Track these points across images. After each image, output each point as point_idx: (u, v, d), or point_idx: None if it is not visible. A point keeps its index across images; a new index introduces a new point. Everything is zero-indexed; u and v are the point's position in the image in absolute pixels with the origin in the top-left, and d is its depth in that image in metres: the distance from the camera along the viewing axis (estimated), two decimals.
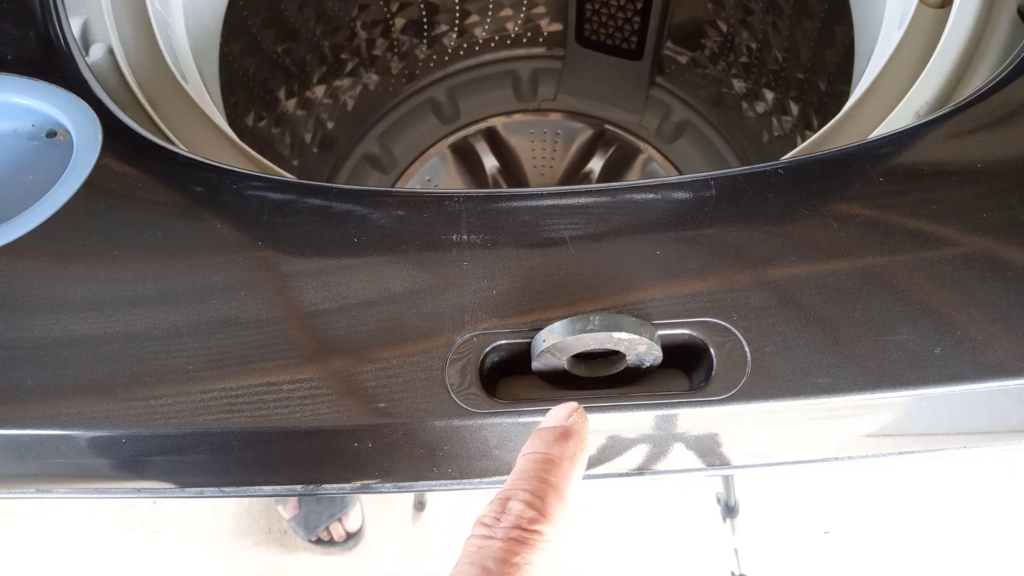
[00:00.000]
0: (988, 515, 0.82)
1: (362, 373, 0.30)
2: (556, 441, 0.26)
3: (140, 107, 0.46)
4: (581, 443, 0.26)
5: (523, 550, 0.23)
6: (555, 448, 0.26)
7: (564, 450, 0.26)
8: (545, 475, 0.25)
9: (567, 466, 0.25)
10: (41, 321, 0.32)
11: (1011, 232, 0.32)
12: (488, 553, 0.23)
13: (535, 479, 0.25)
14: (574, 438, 0.26)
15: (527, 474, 0.25)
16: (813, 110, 0.79)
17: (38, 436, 0.30)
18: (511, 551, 0.23)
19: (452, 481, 0.32)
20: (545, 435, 0.26)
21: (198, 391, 0.30)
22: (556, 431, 0.26)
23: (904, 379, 0.29)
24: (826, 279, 0.32)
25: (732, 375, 0.30)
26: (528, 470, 0.25)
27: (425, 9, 0.93)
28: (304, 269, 0.33)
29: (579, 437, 0.26)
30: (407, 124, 1.00)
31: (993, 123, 0.37)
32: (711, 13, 0.89)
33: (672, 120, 0.98)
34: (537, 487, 0.24)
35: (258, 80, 0.76)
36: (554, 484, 0.25)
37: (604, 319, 0.29)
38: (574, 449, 0.26)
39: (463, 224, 0.34)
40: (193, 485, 0.32)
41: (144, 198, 0.36)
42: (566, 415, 0.27)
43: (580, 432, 0.27)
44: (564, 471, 0.25)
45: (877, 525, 0.82)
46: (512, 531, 0.23)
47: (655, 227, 0.34)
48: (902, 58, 0.47)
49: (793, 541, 0.82)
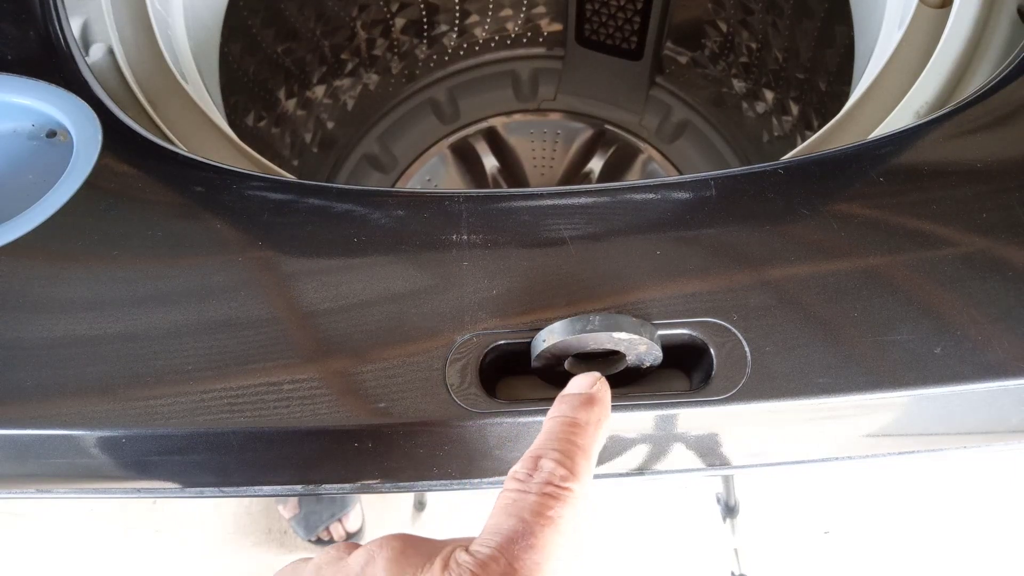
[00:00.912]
0: (988, 515, 0.82)
1: (362, 373, 0.30)
2: (582, 406, 0.27)
3: (140, 107, 0.46)
4: (605, 410, 0.28)
5: (556, 504, 0.24)
6: (581, 413, 0.27)
7: (590, 415, 0.27)
8: (573, 437, 0.26)
9: (592, 430, 0.27)
10: (41, 321, 0.32)
11: (1011, 232, 0.32)
12: (524, 505, 0.24)
13: (564, 440, 0.26)
14: (599, 405, 0.28)
15: (556, 435, 0.26)
16: (813, 110, 0.79)
17: (38, 436, 0.30)
18: (545, 505, 0.24)
19: (452, 481, 0.32)
20: (571, 400, 0.28)
21: (198, 391, 0.30)
22: (582, 397, 0.28)
23: (904, 379, 0.29)
24: (826, 279, 0.32)
25: (732, 375, 0.30)
26: (556, 431, 0.27)
27: (425, 9, 0.93)
28: (304, 269, 0.33)
29: (603, 404, 0.28)
30: (407, 124, 1.00)
31: (993, 123, 0.37)
32: (711, 13, 0.89)
33: (672, 120, 0.98)
34: (566, 447, 0.26)
35: (258, 80, 0.76)
36: (581, 446, 0.26)
37: (604, 319, 0.29)
38: (599, 415, 0.27)
39: (463, 224, 0.34)
40: (193, 485, 0.32)
41: (144, 198, 0.36)
42: (591, 383, 0.28)
43: (604, 400, 0.28)
44: (590, 434, 0.27)
45: (877, 525, 0.82)
46: (546, 487, 0.25)
47: (655, 227, 0.34)
48: (902, 58, 0.47)
49: (793, 541, 0.82)
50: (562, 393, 0.28)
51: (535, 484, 0.25)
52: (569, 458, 0.26)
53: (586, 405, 0.27)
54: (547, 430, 0.27)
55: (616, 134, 1.00)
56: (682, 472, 0.32)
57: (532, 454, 0.26)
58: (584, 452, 0.26)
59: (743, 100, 0.92)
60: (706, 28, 0.91)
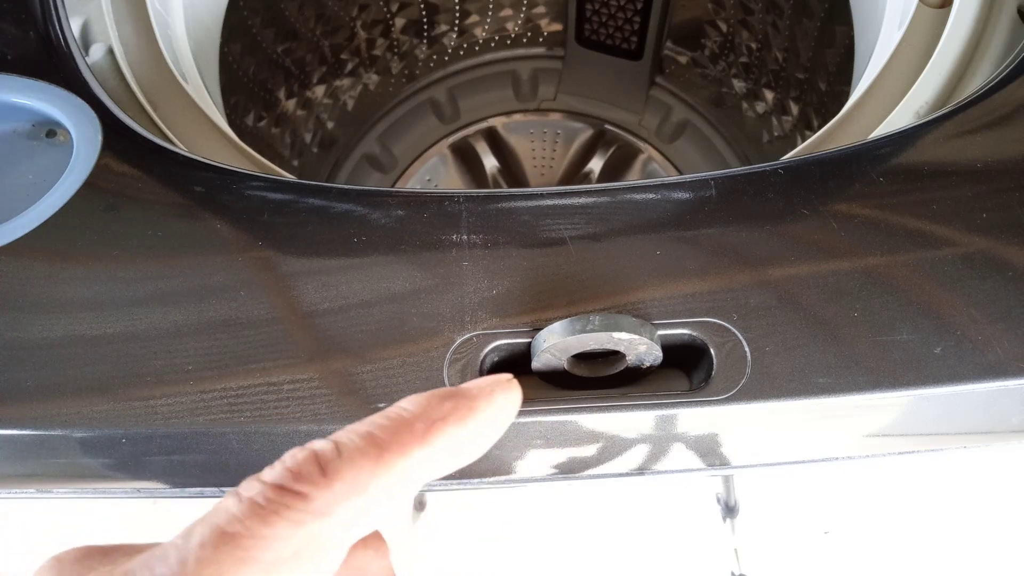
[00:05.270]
0: (988, 515, 0.82)
1: (362, 373, 0.30)
2: (436, 399, 0.21)
3: (140, 107, 0.46)
4: (460, 413, 0.21)
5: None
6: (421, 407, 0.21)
7: (434, 411, 0.20)
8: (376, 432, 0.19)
9: (419, 432, 0.20)
10: (41, 321, 0.32)
11: (1011, 232, 0.32)
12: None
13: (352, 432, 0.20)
14: (462, 402, 0.21)
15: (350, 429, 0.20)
16: (813, 110, 0.79)
17: (38, 436, 0.30)
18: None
19: (452, 481, 0.32)
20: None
21: (198, 391, 0.30)
22: (443, 392, 0.21)
23: (904, 379, 0.29)
24: (826, 279, 0.32)
25: (732, 375, 0.30)
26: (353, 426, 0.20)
27: (425, 9, 0.93)
28: (304, 269, 0.33)
29: (464, 406, 0.21)
30: (407, 124, 1.00)
31: (993, 123, 0.37)
32: (711, 13, 0.89)
33: (672, 120, 0.98)
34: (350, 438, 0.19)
35: (258, 80, 0.76)
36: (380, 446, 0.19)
37: (604, 319, 0.29)
38: (448, 413, 0.20)
39: (463, 224, 0.34)
40: (193, 485, 0.32)
41: (144, 198, 0.36)
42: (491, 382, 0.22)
43: (468, 404, 0.21)
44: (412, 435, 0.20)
45: (877, 525, 0.82)
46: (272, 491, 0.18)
47: (655, 227, 0.34)
48: (902, 58, 0.47)
49: (793, 541, 0.81)
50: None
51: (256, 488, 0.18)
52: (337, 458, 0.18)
53: (442, 399, 0.20)
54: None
55: (616, 134, 1.00)
56: (682, 472, 0.32)
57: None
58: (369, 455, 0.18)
59: (743, 100, 0.92)
60: (706, 28, 0.91)
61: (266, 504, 0.17)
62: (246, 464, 0.31)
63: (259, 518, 0.17)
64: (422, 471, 0.19)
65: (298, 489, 0.17)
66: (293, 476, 0.18)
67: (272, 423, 0.30)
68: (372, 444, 0.18)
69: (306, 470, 0.18)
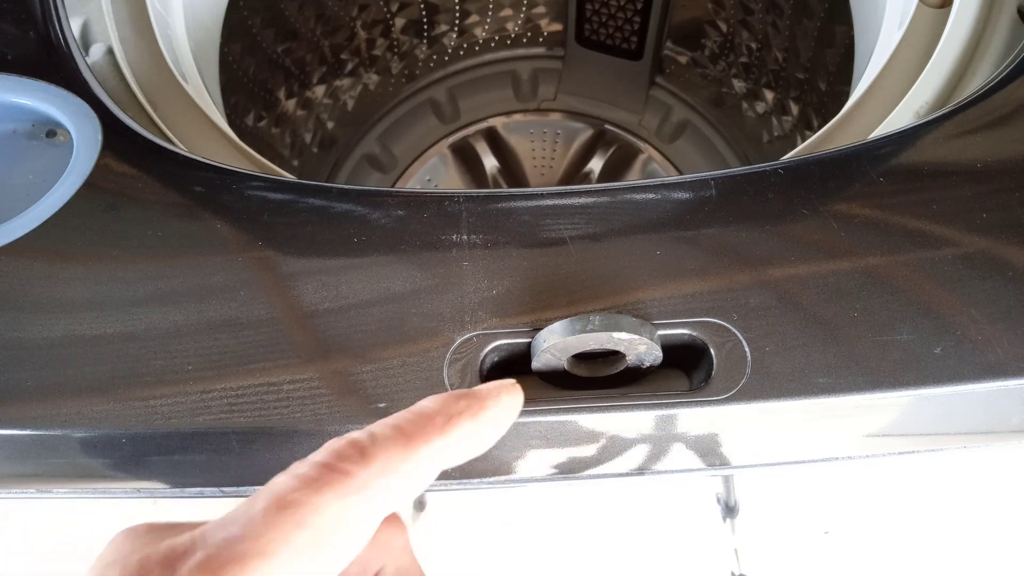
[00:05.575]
0: (988, 515, 0.82)
1: (362, 373, 0.30)
2: (451, 399, 0.23)
3: (140, 107, 0.46)
4: (470, 412, 0.23)
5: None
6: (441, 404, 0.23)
7: (450, 407, 0.23)
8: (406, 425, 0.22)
9: (439, 424, 0.23)
10: (41, 321, 0.32)
11: (1011, 232, 0.32)
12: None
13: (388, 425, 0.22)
14: (472, 403, 0.23)
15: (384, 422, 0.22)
16: (813, 110, 0.79)
17: (38, 436, 0.30)
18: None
19: (452, 481, 0.32)
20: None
21: (198, 391, 0.30)
22: (457, 393, 0.24)
23: (904, 379, 0.29)
24: (826, 279, 0.32)
25: (732, 375, 0.30)
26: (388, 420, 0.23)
27: (425, 9, 0.93)
28: (304, 269, 0.33)
29: (474, 407, 0.24)
30: (407, 124, 1.00)
31: (993, 123, 0.37)
32: (711, 13, 0.89)
33: (672, 120, 0.98)
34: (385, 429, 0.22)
35: (258, 80, 0.76)
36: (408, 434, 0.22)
37: (604, 319, 0.29)
38: (459, 411, 0.23)
39: (463, 224, 0.34)
40: (193, 485, 0.32)
41: (144, 198, 0.36)
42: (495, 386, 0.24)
43: (479, 405, 0.24)
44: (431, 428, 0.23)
45: (877, 525, 0.82)
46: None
47: (655, 227, 0.34)
48: (902, 58, 0.47)
49: (793, 541, 0.81)
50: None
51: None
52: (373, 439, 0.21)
53: (456, 399, 0.23)
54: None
55: (616, 134, 1.00)
56: (682, 472, 0.32)
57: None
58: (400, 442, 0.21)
59: (743, 100, 0.92)
60: (706, 28, 0.91)
61: (317, 477, 0.20)
62: (246, 464, 0.31)
63: (312, 489, 0.20)
64: (441, 458, 0.22)
65: (342, 467, 0.20)
66: (337, 456, 0.21)
67: (272, 423, 0.30)
68: (401, 433, 0.22)
69: (347, 452, 0.21)
